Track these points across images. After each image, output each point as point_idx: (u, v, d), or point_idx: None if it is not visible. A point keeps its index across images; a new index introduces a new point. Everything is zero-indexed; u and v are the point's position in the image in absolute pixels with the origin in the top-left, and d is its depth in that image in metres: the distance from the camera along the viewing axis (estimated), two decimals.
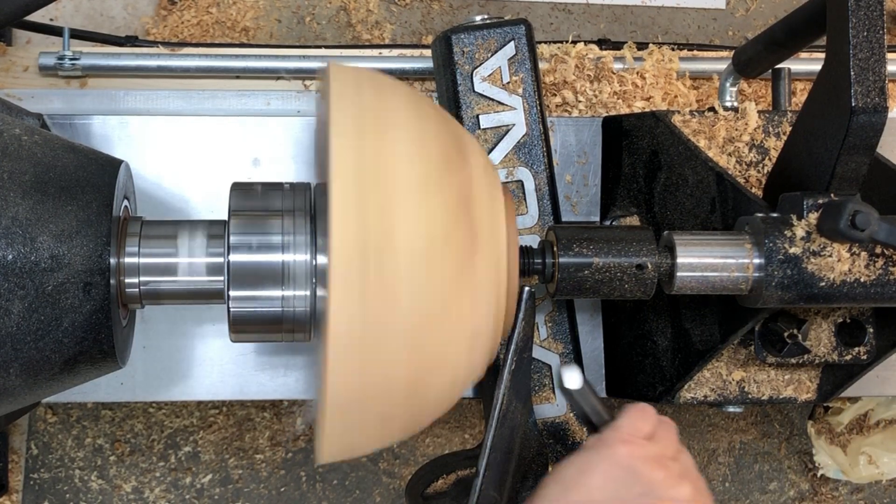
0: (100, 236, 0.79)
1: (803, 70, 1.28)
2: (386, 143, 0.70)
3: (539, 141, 1.04)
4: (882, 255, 0.81)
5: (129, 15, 1.58)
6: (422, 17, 1.65)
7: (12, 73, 1.20)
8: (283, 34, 1.61)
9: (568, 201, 1.14)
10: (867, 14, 0.79)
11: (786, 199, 0.85)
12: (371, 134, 0.70)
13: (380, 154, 0.69)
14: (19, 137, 0.80)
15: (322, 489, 1.62)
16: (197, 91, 1.20)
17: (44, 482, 1.56)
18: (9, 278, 0.75)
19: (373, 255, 0.67)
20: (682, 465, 0.82)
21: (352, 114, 0.71)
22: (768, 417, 1.72)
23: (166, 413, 1.58)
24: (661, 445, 0.81)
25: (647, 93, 1.26)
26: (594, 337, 1.14)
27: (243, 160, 1.13)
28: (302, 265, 0.80)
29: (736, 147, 1.00)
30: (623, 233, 0.87)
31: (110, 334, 0.81)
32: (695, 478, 0.82)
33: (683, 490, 0.78)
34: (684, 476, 0.80)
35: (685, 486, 0.79)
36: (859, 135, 0.80)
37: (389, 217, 0.68)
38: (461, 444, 1.65)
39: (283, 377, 1.14)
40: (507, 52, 1.04)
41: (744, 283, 0.83)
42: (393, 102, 0.74)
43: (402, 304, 0.68)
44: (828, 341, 0.96)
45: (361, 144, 0.69)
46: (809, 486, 1.72)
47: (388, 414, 0.72)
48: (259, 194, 0.84)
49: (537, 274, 0.87)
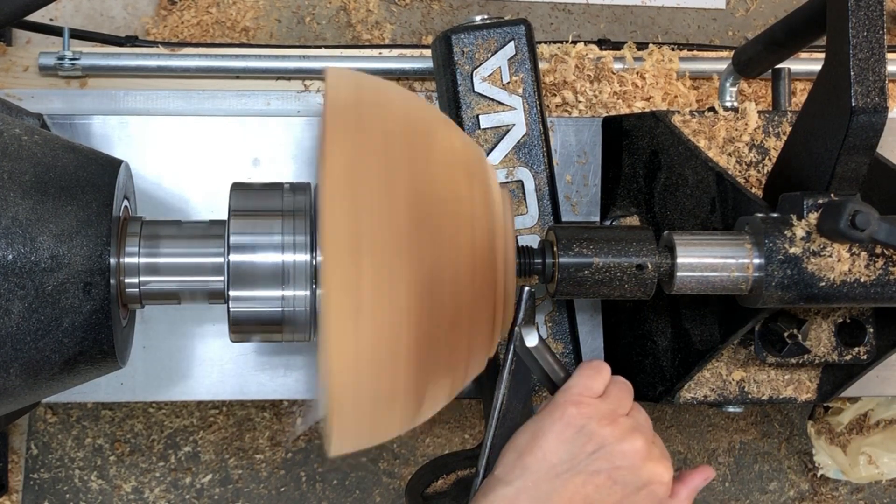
0: (100, 236, 0.79)
1: (803, 70, 1.28)
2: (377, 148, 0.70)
3: (539, 141, 1.04)
4: (882, 255, 0.81)
5: (129, 15, 1.58)
6: (422, 17, 1.65)
7: (12, 73, 1.20)
8: (283, 34, 1.61)
9: (568, 201, 1.14)
10: (867, 14, 0.79)
11: (786, 199, 0.85)
12: (365, 132, 0.70)
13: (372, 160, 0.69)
14: (19, 137, 0.80)
15: (322, 489, 1.62)
16: (197, 91, 1.20)
17: (44, 482, 1.56)
18: (9, 278, 0.75)
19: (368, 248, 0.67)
20: (635, 420, 0.83)
21: (348, 113, 0.71)
22: (768, 417, 1.72)
23: (166, 413, 1.58)
24: (612, 403, 0.82)
25: (647, 93, 1.26)
26: (594, 337, 1.14)
27: (243, 160, 1.13)
28: (302, 265, 0.80)
29: (736, 147, 1.00)
30: (623, 233, 0.87)
31: (110, 334, 0.81)
32: (648, 432, 0.83)
33: (636, 443, 0.80)
34: (636, 429, 0.81)
35: (637, 439, 0.80)
36: (859, 135, 0.80)
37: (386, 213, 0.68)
38: (461, 444, 1.65)
39: (283, 377, 1.14)
40: (507, 52, 1.04)
41: (744, 283, 0.83)
42: (389, 95, 0.75)
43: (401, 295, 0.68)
44: (828, 341, 0.96)
45: (355, 142, 0.69)
46: (809, 486, 1.72)
47: (393, 405, 0.72)
48: (259, 194, 0.84)
49: (537, 274, 0.87)
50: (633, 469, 0.80)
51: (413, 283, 0.68)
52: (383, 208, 0.68)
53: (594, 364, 0.85)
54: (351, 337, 0.66)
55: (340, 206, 0.66)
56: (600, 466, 0.79)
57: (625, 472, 0.79)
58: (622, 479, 0.79)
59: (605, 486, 0.79)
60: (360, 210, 0.67)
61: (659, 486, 0.81)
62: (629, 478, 0.80)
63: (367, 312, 0.66)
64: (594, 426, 0.80)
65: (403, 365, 0.69)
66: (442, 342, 0.71)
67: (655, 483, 0.81)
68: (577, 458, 0.79)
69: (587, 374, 0.84)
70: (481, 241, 0.74)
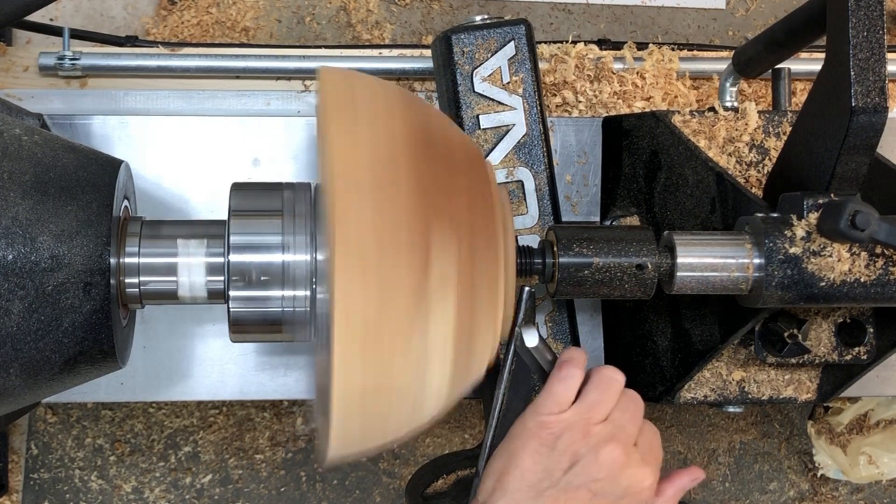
0: (100, 236, 0.79)
1: (803, 70, 1.28)
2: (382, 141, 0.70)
3: (539, 141, 1.04)
4: (882, 255, 0.81)
5: (129, 15, 1.58)
6: (422, 17, 1.65)
7: (12, 73, 1.20)
8: (283, 34, 1.61)
9: (568, 201, 1.14)
10: (867, 14, 0.79)
11: (786, 199, 0.85)
12: (367, 128, 0.70)
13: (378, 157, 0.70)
14: (19, 137, 0.80)
15: (322, 489, 1.62)
16: (197, 91, 1.20)
17: (44, 482, 1.56)
18: (9, 278, 0.75)
19: (374, 251, 0.67)
20: (613, 426, 0.81)
21: (347, 111, 0.71)
22: (768, 417, 1.72)
23: (166, 413, 1.58)
24: (585, 410, 0.81)
25: (647, 93, 1.26)
26: (594, 337, 1.14)
27: (243, 160, 1.13)
28: (302, 265, 0.80)
29: (736, 147, 1.00)
30: (623, 233, 0.87)
31: (110, 334, 0.81)
32: (626, 436, 0.81)
33: (612, 452, 0.79)
34: (612, 437, 0.80)
35: (613, 449, 0.79)
36: (859, 135, 0.80)
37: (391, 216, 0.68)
38: (461, 444, 1.65)
39: (283, 377, 1.14)
40: (507, 52, 1.04)
41: (744, 283, 0.83)
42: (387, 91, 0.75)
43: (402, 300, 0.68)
44: (828, 341, 0.96)
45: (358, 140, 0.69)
46: (809, 486, 1.72)
47: (393, 411, 0.72)
48: (259, 194, 0.84)
49: (537, 274, 0.87)
50: (611, 479, 0.79)
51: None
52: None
53: (563, 372, 0.82)
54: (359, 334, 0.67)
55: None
56: (579, 482, 0.78)
57: (604, 483, 0.79)
58: (602, 490, 0.79)
59: (587, 500, 0.78)
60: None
61: (640, 491, 0.80)
62: (609, 488, 0.79)
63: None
64: (566, 441, 0.79)
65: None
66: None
67: (636, 489, 0.80)
68: (554, 476, 0.79)
69: (555, 389, 0.82)
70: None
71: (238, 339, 0.84)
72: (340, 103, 0.72)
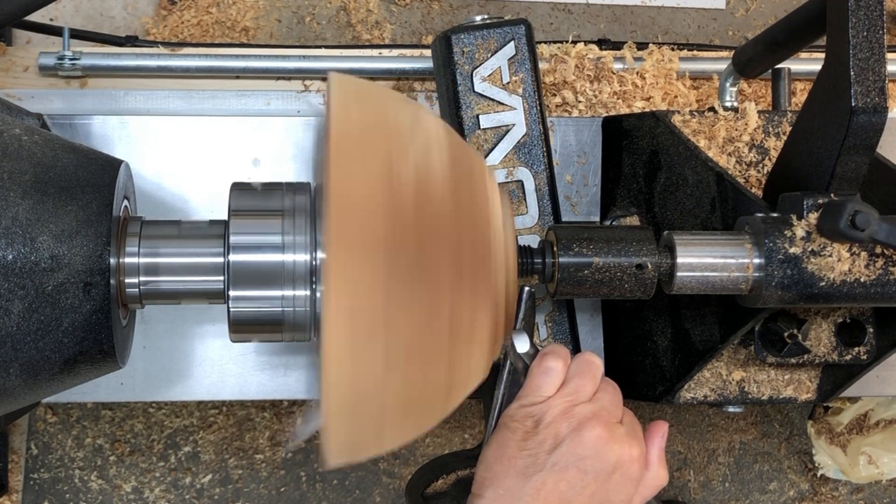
0: (100, 236, 0.79)
1: (803, 70, 1.28)
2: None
3: (539, 141, 1.04)
4: (882, 255, 0.81)
5: (129, 15, 1.58)
6: (422, 17, 1.65)
7: (12, 73, 1.20)
8: (283, 34, 1.61)
9: (568, 201, 1.14)
10: (867, 14, 0.79)
11: (786, 199, 0.85)
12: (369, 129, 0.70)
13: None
14: (19, 137, 0.80)
15: (322, 489, 1.62)
16: (197, 91, 1.20)
17: (44, 482, 1.56)
18: (9, 278, 0.75)
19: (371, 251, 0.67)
20: (596, 406, 0.81)
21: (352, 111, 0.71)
22: (768, 417, 1.72)
23: (166, 413, 1.58)
24: (568, 395, 0.81)
25: (647, 93, 1.26)
26: (594, 337, 1.14)
27: (243, 160, 1.13)
28: (302, 265, 0.80)
29: (736, 147, 1.00)
30: (623, 233, 0.87)
31: (110, 334, 0.81)
32: (608, 415, 0.81)
33: (595, 430, 0.79)
34: (594, 416, 0.80)
35: (595, 426, 0.79)
36: (859, 135, 0.80)
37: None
38: (461, 444, 1.65)
39: (283, 377, 1.14)
40: (507, 52, 1.04)
41: (744, 283, 0.83)
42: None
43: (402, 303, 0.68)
44: (828, 341, 0.96)
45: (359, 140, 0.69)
46: (809, 486, 1.72)
47: (390, 414, 0.72)
48: (259, 194, 0.84)
49: (537, 274, 0.87)
50: (598, 456, 0.79)
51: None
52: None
53: (544, 364, 0.83)
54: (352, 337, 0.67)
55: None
56: (566, 461, 0.78)
57: (592, 461, 0.78)
58: (591, 468, 0.78)
59: (577, 479, 0.78)
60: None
61: (630, 464, 0.80)
62: (598, 465, 0.78)
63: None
64: (547, 422, 0.80)
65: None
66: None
67: (625, 462, 0.80)
68: (539, 459, 0.79)
69: (536, 381, 0.82)
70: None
71: (238, 339, 0.84)
72: (346, 143, 0.71)
